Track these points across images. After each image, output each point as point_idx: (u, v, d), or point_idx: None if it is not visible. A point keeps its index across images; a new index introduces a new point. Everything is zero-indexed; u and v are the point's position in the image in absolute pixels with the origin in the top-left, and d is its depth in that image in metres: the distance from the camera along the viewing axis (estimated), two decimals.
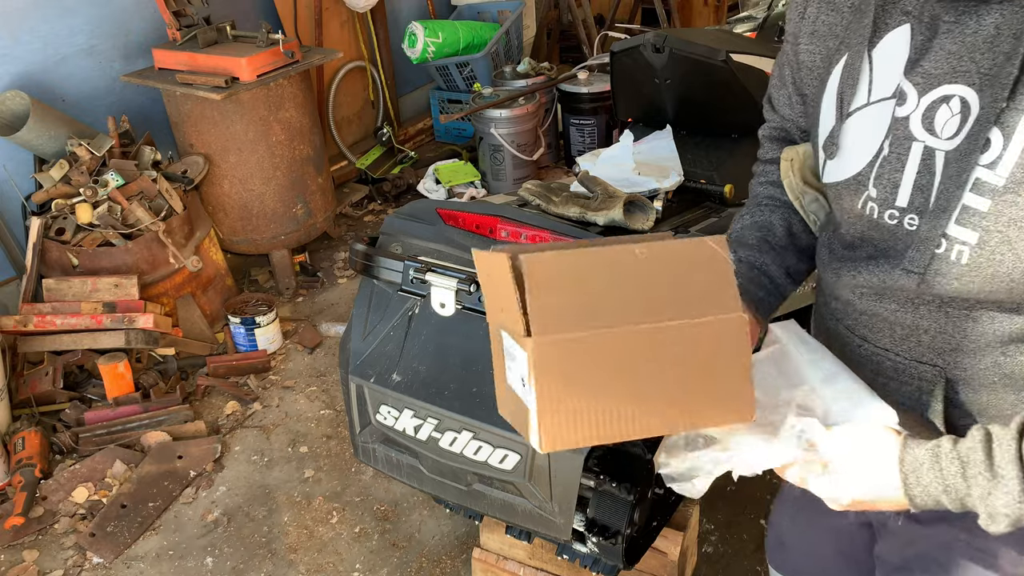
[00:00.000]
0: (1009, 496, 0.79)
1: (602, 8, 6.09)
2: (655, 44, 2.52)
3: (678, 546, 1.92)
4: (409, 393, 1.68)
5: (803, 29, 1.05)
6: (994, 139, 0.82)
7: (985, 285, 0.86)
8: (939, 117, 0.86)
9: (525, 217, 1.67)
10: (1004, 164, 0.81)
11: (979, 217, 0.84)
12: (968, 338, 0.92)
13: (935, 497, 0.84)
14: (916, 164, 0.89)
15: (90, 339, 2.89)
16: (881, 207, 0.93)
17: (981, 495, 0.81)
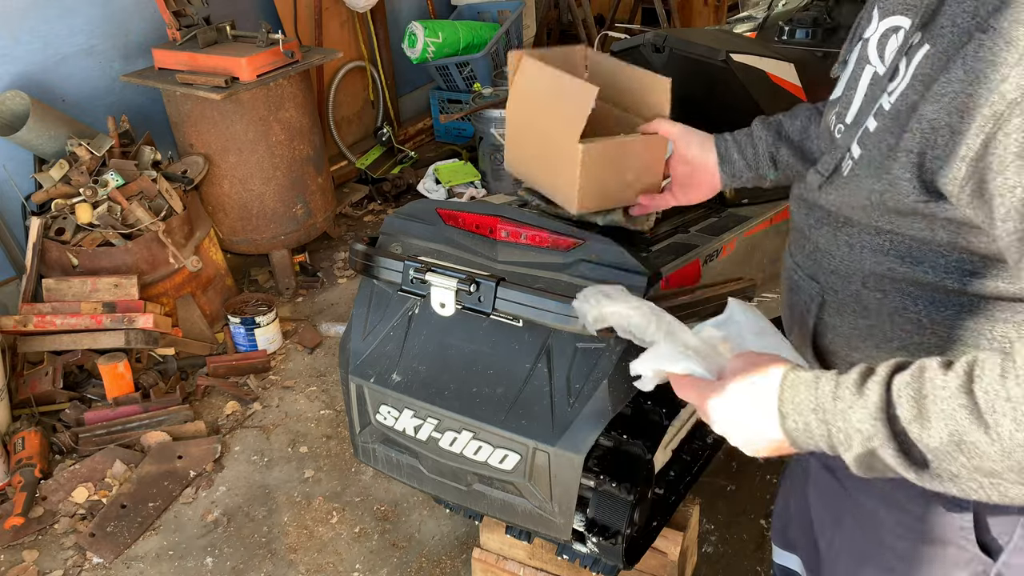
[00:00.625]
0: (865, 411, 0.78)
1: (602, 8, 6.10)
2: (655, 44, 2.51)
3: (678, 546, 1.92)
4: (409, 393, 1.68)
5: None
6: (901, 68, 0.87)
7: (851, 199, 0.93)
8: (889, 46, 0.92)
9: (525, 217, 1.67)
10: (896, 92, 0.87)
11: (867, 136, 0.91)
12: (843, 262, 0.99)
13: (805, 418, 0.83)
14: (866, 87, 0.96)
15: (90, 339, 2.89)
16: (837, 122, 1.01)
17: (843, 409, 0.80)
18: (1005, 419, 0.71)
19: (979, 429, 0.72)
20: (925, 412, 0.75)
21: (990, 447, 0.72)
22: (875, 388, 0.78)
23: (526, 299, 1.50)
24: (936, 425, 0.75)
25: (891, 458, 0.77)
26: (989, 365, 0.74)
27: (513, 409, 1.57)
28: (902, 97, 0.85)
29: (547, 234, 1.62)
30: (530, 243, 1.64)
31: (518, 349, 1.59)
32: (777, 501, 1.51)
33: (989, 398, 0.72)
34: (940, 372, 0.76)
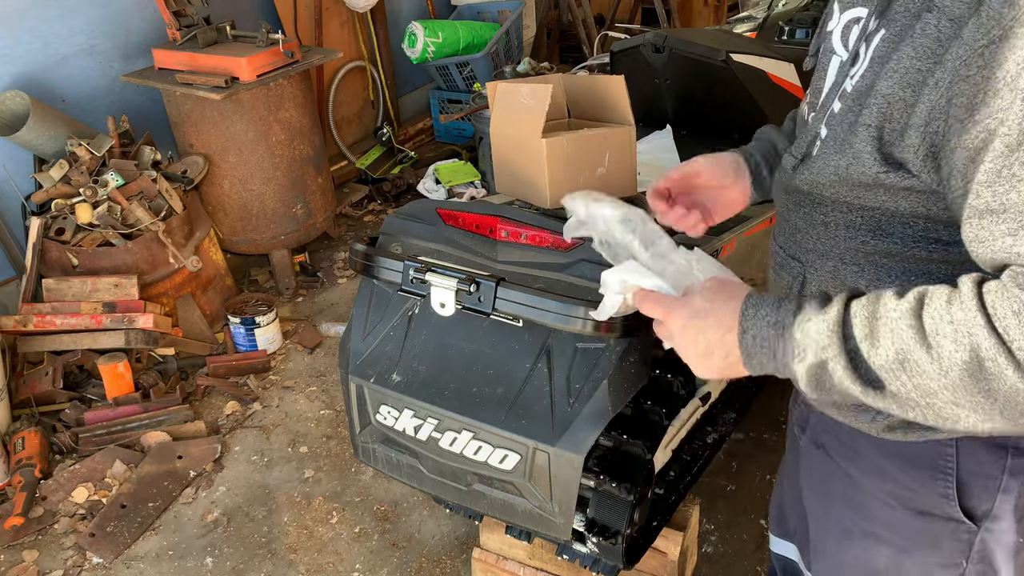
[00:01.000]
0: (824, 324, 0.84)
1: (602, 8, 6.10)
2: (655, 44, 2.52)
3: (678, 546, 1.92)
4: (409, 393, 1.68)
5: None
6: (861, 52, 0.93)
7: (820, 177, 0.98)
8: (852, 36, 0.97)
9: (525, 217, 1.67)
10: (856, 75, 0.93)
11: (832, 117, 0.96)
12: (820, 240, 1.03)
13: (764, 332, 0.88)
14: (833, 75, 1.00)
15: (90, 339, 2.89)
16: (809, 109, 1.06)
17: (801, 321, 0.85)
18: (946, 340, 0.78)
19: (922, 348, 0.79)
20: (876, 331, 0.82)
21: (930, 366, 0.79)
22: (835, 306, 0.85)
23: (526, 299, 1.50)
24: (884, 343, 0.81)
25: (840, 371, 0.83)
26: (938, 294, 0.80)
27: (513, 409, 1.57)
28: (862, 79, 0.91)
29: (547, 234, 1.62)
30: (530, 243, 1.64)
31: (518, 349, 1.59)
32: (774, 491, 1.53)
33: (934, 322, 0.79)
34: (893, 298, 0.83)
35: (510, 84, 1.77)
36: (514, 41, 5.01)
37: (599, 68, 4.33)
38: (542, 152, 1.67)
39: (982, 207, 0.79)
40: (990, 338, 0.76)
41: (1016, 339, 0.75)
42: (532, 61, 4.67)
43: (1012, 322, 0.76)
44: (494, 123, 1.82)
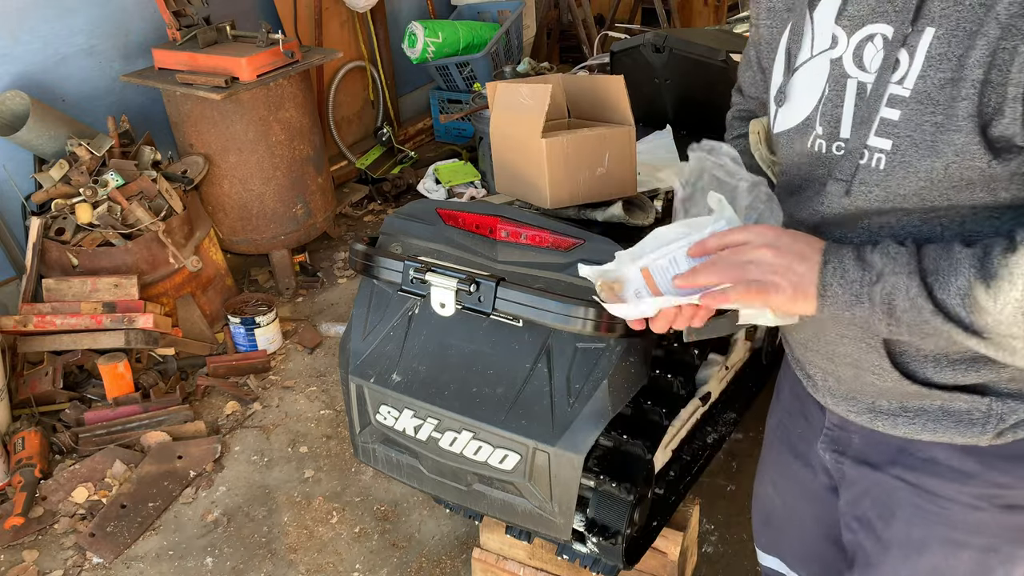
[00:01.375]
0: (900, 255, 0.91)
1: (602, 8, 6.10)
2: (655, 44, 2.52)
3: (678, 546, 1.92)
4: (409, 393, 1.68)
5: (761, 8, 1.15)
6: (902, 59, 0.92)
7: (900, 188, 0.95)
8: (867, 54, 0.97)
9: (525, 217, 1.67)
10: (910, 78, 0.92)
11: (891, 126, 0.94)
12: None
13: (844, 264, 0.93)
14: (853, 98, 0.99)
15: (90, 339, 2.89)
16: (828, 141, 1.02)
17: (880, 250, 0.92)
18: (1003, 282, 0.85)
19: (982, 286, 0.86)
20: (940, 268, 0.89)
21: (987, 302, 0.86)
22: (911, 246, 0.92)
23: (526, 299, 1.50)
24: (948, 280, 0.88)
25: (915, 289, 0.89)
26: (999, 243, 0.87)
27: (513, 409, 1.57)
28: (923, 79, 0.90)
29: (547, 234, 1.62)
30: (530, 243, 1.64)
31: (518, 349, 1.59)
32: (754, 505, 1.53)
33: (993, 265, 0.86)
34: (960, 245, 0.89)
35: (510, 84, 1.77)
36: (514, 41, 5.01)
37: (599, 68, 4.33)
38: (542, 152, 1.67)
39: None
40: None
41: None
42: (532, 61, 4.67)
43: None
44: (494, 123, 1.82)
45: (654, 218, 1.92)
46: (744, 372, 2.34)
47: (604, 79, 1.82)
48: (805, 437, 1.29)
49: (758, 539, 1.52)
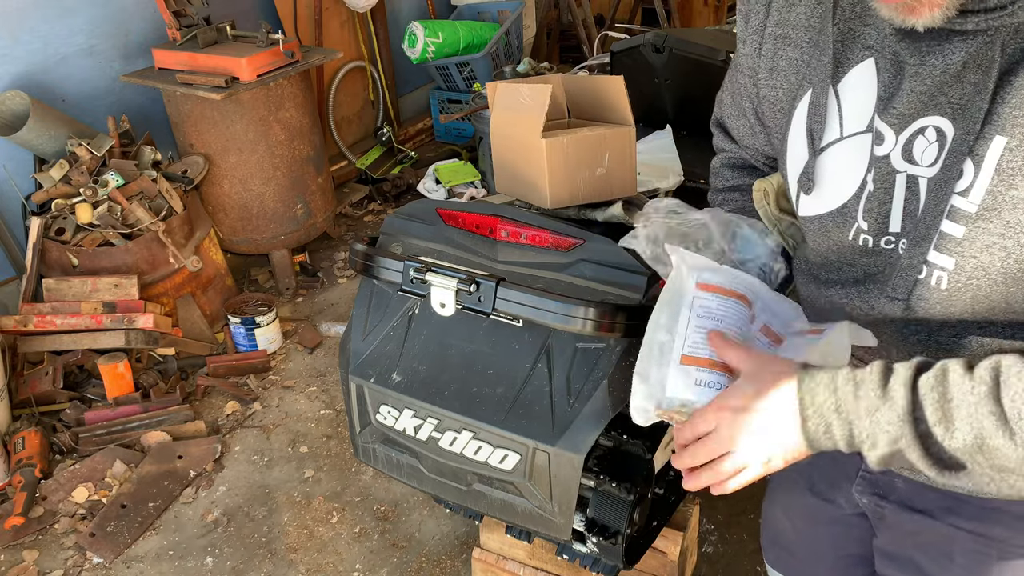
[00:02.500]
0: (893, 413, 0.81)
1: (602, 8, 6.10)
2: (655, 44, 2.52)
3: (678, 546, 1.92)
4: (409, 393, 1.68)
5: (761, 65, 1.05)
6: (966, 168, 0.83)
7: (967, 308, 0.88)
8: (917, 147, 0.88)
9: (525, 217, 1.67)
10: (976, 191, 0.83)
11: (954, 243, 0.86)
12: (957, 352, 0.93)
13: (827, 419, 0.85)
14: (903, 192, 0.90)
15: (90, 339, 2.89)
16: (876, 236, 0.94)
17: (868, 410, 0.82)
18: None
19: (1004, 435, 0.77)
20: (950, 416, 0.79)
21: (1013, 451, 0.77)
22: (901, 390, 0.81)
23: (526, 299, 1.50)
24: (961, 428, 0.79)
25: (916, 457, 0.81)
26: (1015, 372, 0.78)
27: (513, 409, 1.57)
28: (992, 195, 0.82)
29: (547, 234, 1.62)
30: (530, 243, 1.64)
31: (518, 349, 1.59)
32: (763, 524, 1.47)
33: (1016, 406, 0.77)
34: (966, 377, 0.80)
35: (510, 84, 1.77)
36: (514, 41, 5.01)
37: (599, 68, 4.33)
38: (542, 152, 1.67)
39: None
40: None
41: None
42: (532, 61, 4.68)
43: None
44: (494, 123, 1.82)
45: None
46: None
47: (604, 79, 1.83)
48: (829, 477, 1.21)
49: (766, 554, 1.48)
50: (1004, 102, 0.79)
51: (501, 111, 1.79)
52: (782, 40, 1.01)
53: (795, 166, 1.01)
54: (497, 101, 1.80)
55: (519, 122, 1.73)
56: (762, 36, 1.04)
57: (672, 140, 2.40)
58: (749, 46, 1.06)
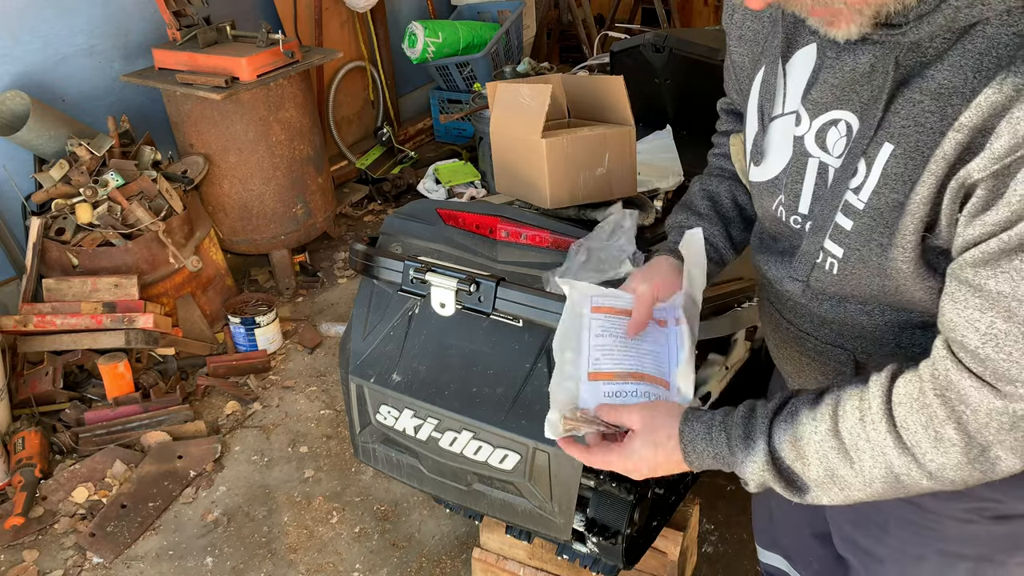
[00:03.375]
0: (756, 464, 0.93)
1: (602, 8, 6.09)
2: (655, 44, 2.52)
3: (678, 546, 1.92)
4: (409, 393, 1.68)
5: (732, 32, 1.12)
6: (860, 167, 0.91)
7: (854, 291, 0.98)
8: (830, 137, 0.95)
9: (525, 217, 1.67)
10: (865, 190, 0.90)
11: (844, 235, 0.94)
12: (866, 328, 1.02)
13: (707, 462, 0.97)
14: (813, 177, 0.98)
15: (90, 339, 2.89)
16: (788, 211, 1.03)
17: (737, 461, 0.95)
18: (865, 456, 0.88)
19: (846, 464, 0.89)
20: (803, 454, 0.91)
21: (855, 479, 0.89)
22: (760, 441, 0.93)
23: (526, 299, 1.50)
24: (813, 463, 0.91)
25: (780, 489, 0.94)
26: (850, 408, 0.89)
27: (513, 409, 1.57)
28: (876, 195, 0.89)
29: (547, 234, 1.62)
30: (530, 243, 1.64)
31: (518, 349, 1.59)
32: (755, 504, 1.54)
33: (852, 438, 0.88)
34: (811, 416, 0.91)
35: (510, 84, 1.77)
36: (514, 41, 5.01)
37: (599, 68, 4.33)
38: (542, 152, 1.68)
39: (963, 278, 0.82)
40: (902, 457, 0.85)
41: (927, 452, 0.84)
42: (532, 61, 4.68)
43: (922, 436, 0.84)
44: (494, 123, 1.82)
45: (654, 218, 1.92)
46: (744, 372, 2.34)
47: (604, 79, 1.83)
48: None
49: (759, 537, 1.53)
50: (896, 112, 0.86)
51: (501, 111, 1.79)
52: (750, 12, 1.09)
53: (749, 135, 1.09)
54: (497, 101, 1.80)
55: (519, 122, 1.73)
56: (733, 5, 1.11)
57: (672, 140, 2.40)
58: (725, 11, 1.14)
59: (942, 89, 0.82)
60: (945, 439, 0.83)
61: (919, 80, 0.84)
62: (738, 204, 1.27)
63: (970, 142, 0.80)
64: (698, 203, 1.27)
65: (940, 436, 0.83)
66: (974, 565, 1.09)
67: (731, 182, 1.28)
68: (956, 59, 0.81)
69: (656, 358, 1.07)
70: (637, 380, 1.04)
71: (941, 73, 0.82)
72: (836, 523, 1.25)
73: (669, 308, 1.12)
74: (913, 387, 0.85)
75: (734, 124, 1.32)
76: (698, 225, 1.23)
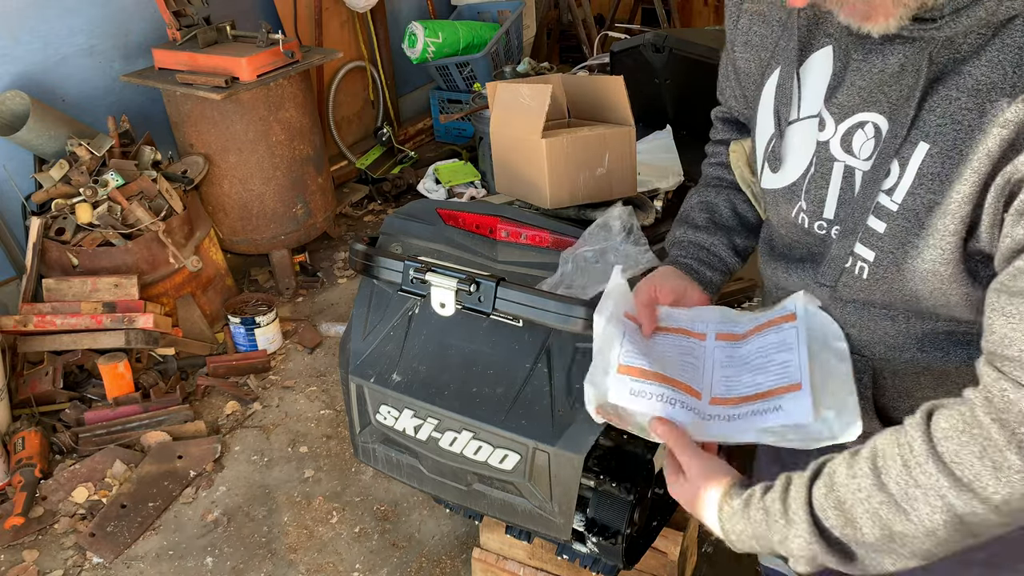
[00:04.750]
0: (801, 539, 0.86)
1: (602, 8, 6.09)
2: (655, 44, 2.52)
3: (678, 546, 1.92)
4: (409, 393, 1.68)
5: (737, 38, 1.11)
6: (893, 168, 0.88)
7: (883, 297, 0.95)
8: (856, 140, 0.93)
9: (525, 217, 1.67)
10: (899, 192, 0.88)
11: (876, 238, 0.91)
12: (888, 335, 0.99)
13: (748, 543, 0.91)
14: (839, 182, 0.96)
15: (90, 339, 2.89)
16: (811, 218, 1.01)
17: (780, 540, 0.88)
18: (921, 504, 0.80)
19: (902, 518, 0.81)
20: (852, 518, 0.84)
21: (916, 531, 0.80)
22: (801, 512, 0.86)
23: (526, 299, 1.50)
24: (866, 526, 0.83)
25: (836, 563, 0.86)
26: (890, 456, 0.82)
27: (513, 409, 1.57)
28: (912, 196, 0.87)
29: (547, 234, 1.62)
30: (530, 243, 1.64)
31: (518, 349, 1.59)
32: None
33: (901, 488, 0.81)
34: (849, 474, 0.84)
35: (510, 84, 1.78)
36: (514, 41, 5.01)
37: (599, 68, 4.33)
38: (542, 152, 1.68)
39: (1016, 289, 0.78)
40: (962, 495, 0.77)
41: (988, 485, 0.76)
42: (532, 61, 4.67)
43: (980, 468, 0.77)
44: (494, 123, 1.82)
45: (654, 218, 1.92)
46: None
47: (604, 79, 1.83)
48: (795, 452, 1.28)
49: None
50: (931, 110, 0.84)
51: (501, 111, 1.79)
52: (757, 16, 1.07)
53: (762, 140, 1.07)
54: (497, 101, 1.80)
55: (519, 122, 1.73)
56: (739, 10, 1.10)
57: (672, 140, 2.40)
58: (729, 18, 1.13)
59: (980, 86, 0.80)
60: (1006, 467, 0.76)
61: (955, 77, 0.82)
62: (738, 213, 1.26)
63: (1015, 138, 0.77)
64: (696, 216, 1.26)
65: (1000, 464, 0.76)
66: (985, 571, 1.08)
67: (729, 191, 1.27)
68: (994, 55, 0.79)
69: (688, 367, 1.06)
70: (663, 383, 1.02)
71: (979, 69, 0.80)
72: None
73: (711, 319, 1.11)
74: (957, 419, 0.79)
75: (731, 133, 1.31)
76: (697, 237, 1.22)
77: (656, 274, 1.17)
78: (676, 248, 1.24)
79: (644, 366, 1.02)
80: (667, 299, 1.14)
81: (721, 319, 1.11)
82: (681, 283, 1.17)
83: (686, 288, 1.18)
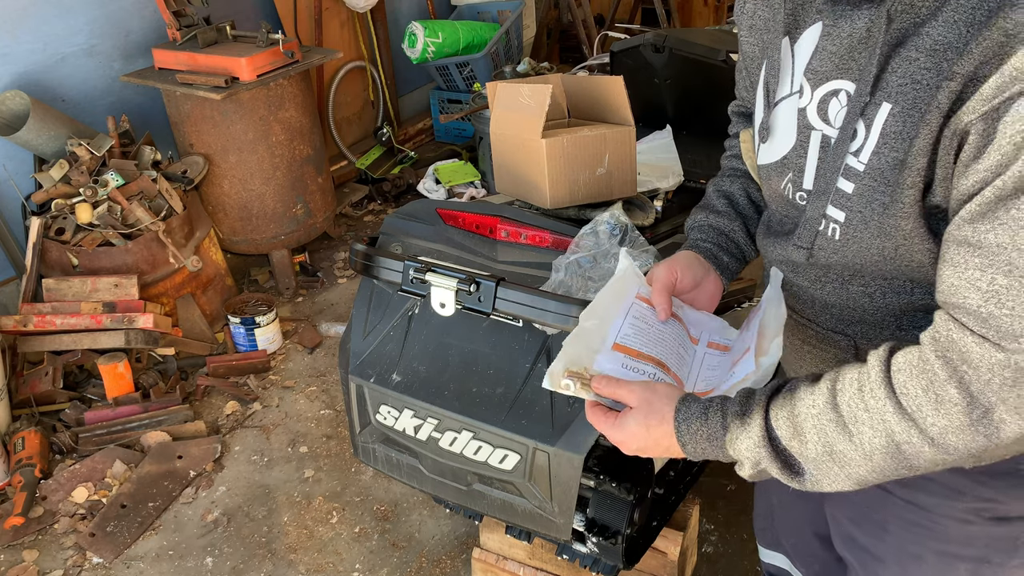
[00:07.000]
0: (751, 440, 0.90)
1: (602, 8, 6.10)
2: (655, 44, 2.52)
3: (678, 546, 1.92)
4: (409, 393, 1.68)
5: (743, 22, 1.14)
6: (859, 129, 0.91)
7: (855, 258, 0.97)
8: (831, 108, 0.96)
9: (525, 217, 1.67)
10: (864, 152, 0.91)
11: (845, 198, 0.94)
12: (867, 312, 1.02)
13: (700, 446, 0.94)
14: (816, 151, 0.99)
15: (90, 339, 2.89)
16: (795, 188, 1.04)
17: (732, 439, 0.92)
18: (864, 427, 0.85)
19: (845, 438, 0.86)
20: (800, 430, 0.88)
21: (854, 452, 0.86)
22: (756, 418, 0.91)
23: (526, 299, 1.50)
24: (811, 439, 0.88)
25: (776, 471, 0.91)
26: (848, 380, 0.87)
27: (513, 409, 1.57)
28: (876, 156, 0.89)
29: (547, 234, 1.62)
30: (530, 243, 1.64)
31: (518, 349, 1.59)
32: (756, 502, 1.54)
33: (851, 410, 0.86)
34: (809, 392, 0.89)
35: (510, 84, 1.78)
36: (514, 41, 5.01)
37: (599, 68, 4.33)
38: (542, 152, 1.68)
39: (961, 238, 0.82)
40: (902, 423, 0.83)
41: (928, 416, 0.82)
42: (532, 61, 4.67)
43: (923, 400, 0.82)
44: (494, 123, 1.82)
45: (654, 218, 1.92)
46: None
47: (604, 79, 1.83)
48: None
49: (761, 536, 1.53)
50: (893, 71, 0.87)
51: (501, 111, 1.79)
52: (760, 1, 1.10)
53: (757, 118, 1.10)
54: (497, 101, 1.80)
55: (519, 122, 1.73)
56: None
57: (672, 140, 2.40)
58: (737, 4, 1.15)
59: (937, 45, 0.83)
60: (946, 400, 0.81)
61: (914, 38, 0.85)
62: (752, 200, 1.28)
63: (963, 90, 0.80)
64: (716, 202, 1.28)
65: (941, 398, 0.81)
66: (973, 566, 1.09)
67: (744, 180, 1.29)
68: (950, 15, 0.82)
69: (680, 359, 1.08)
70: (656, 366, 1.04)
71: (936, 29, 0.83)
72: (836, 520, 1.25)
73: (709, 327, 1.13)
74: (913, 354, 0.84)
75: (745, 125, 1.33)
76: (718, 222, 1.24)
77: (677, 259, 1.18)
78: (696, 231, 1.26)
79: (641, 349, 1.05)
80: (687, 286, 1.15)
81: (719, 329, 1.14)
82: (701, 270, 1.18)
83: (704, 276, 1.19)
